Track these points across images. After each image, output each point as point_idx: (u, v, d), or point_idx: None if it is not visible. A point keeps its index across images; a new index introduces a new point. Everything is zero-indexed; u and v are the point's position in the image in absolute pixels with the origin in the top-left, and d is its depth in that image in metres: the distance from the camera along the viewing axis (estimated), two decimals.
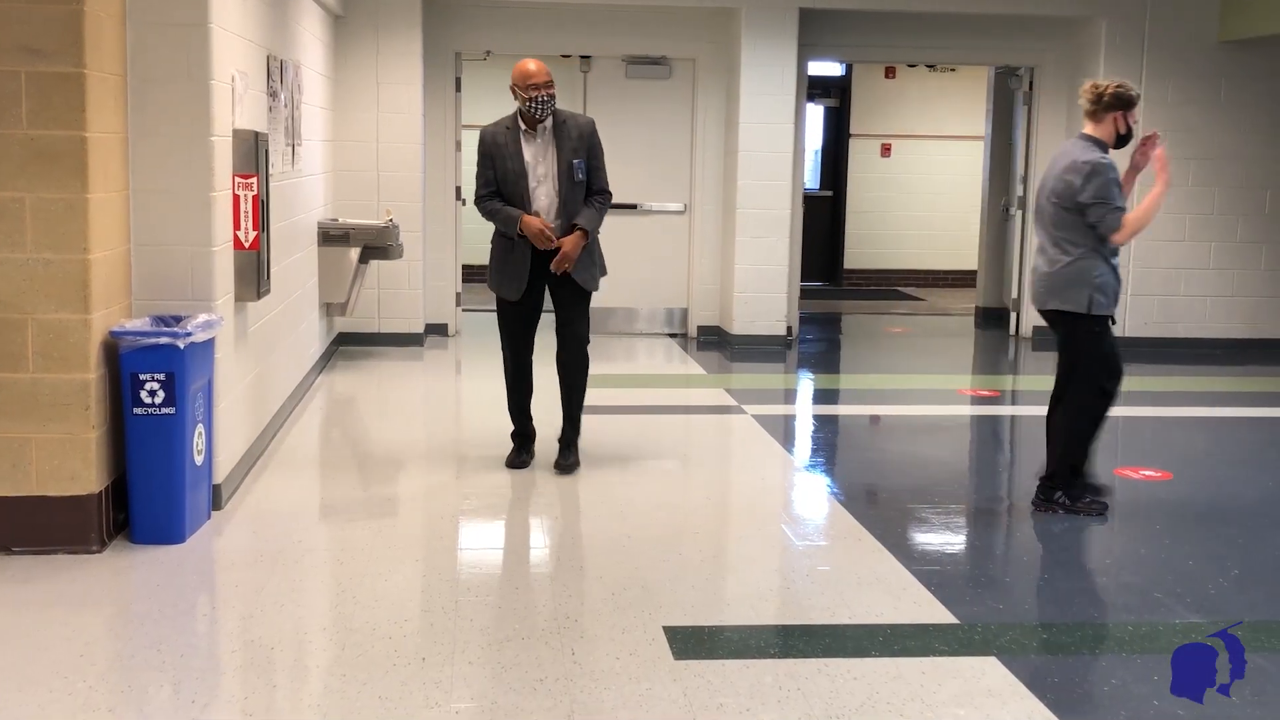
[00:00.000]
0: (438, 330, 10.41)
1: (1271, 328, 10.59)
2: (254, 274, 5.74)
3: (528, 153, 5.99)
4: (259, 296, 5.87)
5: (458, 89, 10.46)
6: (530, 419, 6.47)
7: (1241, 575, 4.95)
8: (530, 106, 5.89)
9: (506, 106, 6.25)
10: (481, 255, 14.15)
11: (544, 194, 6.03)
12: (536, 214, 6.01)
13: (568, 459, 6.28)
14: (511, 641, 4.05)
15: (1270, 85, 10.31)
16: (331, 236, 8.66)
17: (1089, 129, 5.62)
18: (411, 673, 3.80)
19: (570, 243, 6.00)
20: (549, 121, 6.00)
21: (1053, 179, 5.59)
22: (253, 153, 5.67)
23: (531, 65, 5.89)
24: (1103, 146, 5.59)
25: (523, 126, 5.99)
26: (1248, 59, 10.27)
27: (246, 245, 5.66)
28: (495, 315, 6.38)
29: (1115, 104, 5.56)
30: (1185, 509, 5.97)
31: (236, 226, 5.60)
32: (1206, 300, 10.52)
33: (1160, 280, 10.45)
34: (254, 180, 5.67)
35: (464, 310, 11.04)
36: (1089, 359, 5.63)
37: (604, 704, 3.63)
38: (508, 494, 5.87)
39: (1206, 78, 10.29)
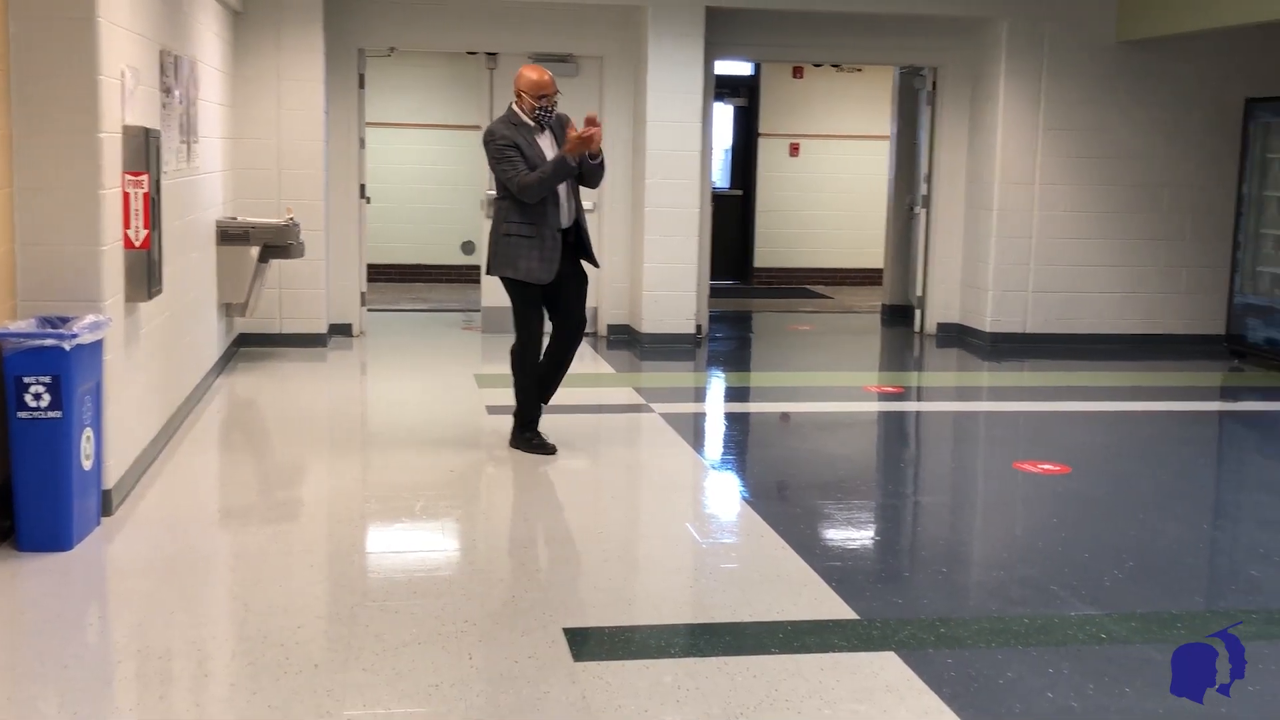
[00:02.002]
0: (342, 330, 10.26)
1: (1169, 323, 10.80)
2: (144, 273, 5.60)
3: (543, 147, 6.37)
4: (150, 296, 5.73)
5: (361, 85, 10.32)
6: None
7: (1136, 568, 5.02)
8: (539, 113, 6.36)
9: (414, 103, 6.19)
10: (386, 254, 14.03)
11: (561, 187, 6.36)
12: (559, 204, 6.37)
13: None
14: (408, 647, 3.98)
15: (1166, 84, 10.52)
16: (230, 235, 8.49)
17: None
18: (303, 681, 3.71)
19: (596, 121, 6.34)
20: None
21: None
22: (143, 149, 5.53)
23: (540, 75, 6.36)
24: None
25: (531, 124, 6.38)
26: (1145, 58, 10.47)
27: (137, 244, 5.51)
28: (512, 298, 6.48)
29: None
30: (1083, 502, 6.06)
31: (126, 225, 5.46)
32: (1105, 296, 10.70)
33: (1061, 277, 10.61)
34: (144, 178, 5.53)
35: (369, 310, 10.90)
36: None
37: (500, 708, 3.58)
38: (410, 498, 5.78)
39: (1105, 77, 10.47)
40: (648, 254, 10.27)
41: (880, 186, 13.24)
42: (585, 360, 9.90)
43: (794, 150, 15.27)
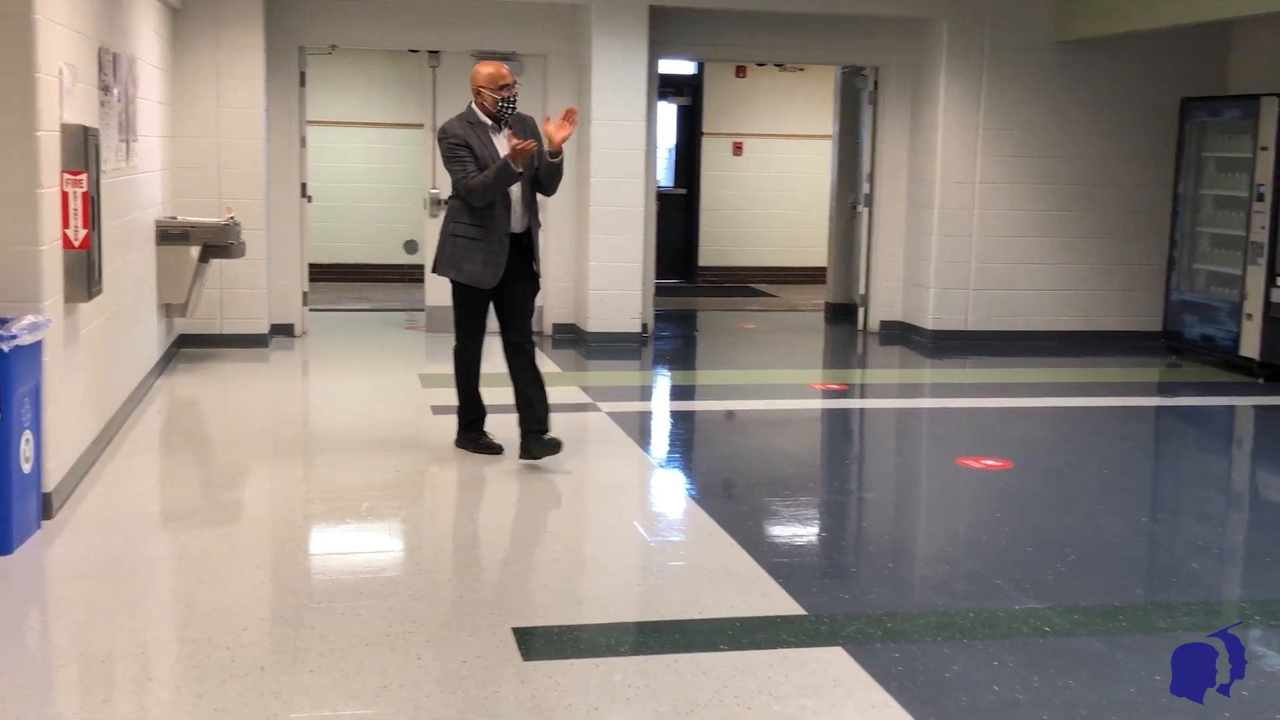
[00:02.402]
0: (284, 331, 10.17)
1: (1108, 320, 10.94)
2: (84, 274, 5.52)
3: (498, 147, 6.14)
4: (90, 297, 5.66)
5: (302, 83, 10.24)
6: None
7: (1078, 561, 5.09)
8: (502, 106, 6.16)
9: (356, 101, 6.11)
10: (329, 254, 13.91)
11: (515, 186, 6.16)
12: (510, 206, 6.17)
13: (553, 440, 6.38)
14: (355, 648, 3.96)
15: (1103, 84, 10.66)
16: (170, 235, 8.39)
17: None
18: (249, 684, 3.68)
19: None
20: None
21: None
22: (82, 148, 5.46)
23: (496, 67, 6.17)
24: None
25: (488, 123, 6.18)
26: (1082, 59, 10.60)
27: (76, 244, 5.44)
28: (455, 301, 6.35)
29: None
30: (1025, 497, 6.13)
31: (65, 225, 5.38)
32: (1045, 294, 10.83)
33: (1001, 275, 10.72)
34: (84, 177, 5.45)
35: (311, 310, 10.81)
36: None
37: (449, 708, 3.56)
38: (354, 499, 5.74)
39: (1044, 77, 10.59)
40: (593, 253, 10.26)
41: (823, 185, 13.30)
42: None
43: (737, 149, 15.32)
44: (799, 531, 5.60)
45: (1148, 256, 10.83)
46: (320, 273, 13.19)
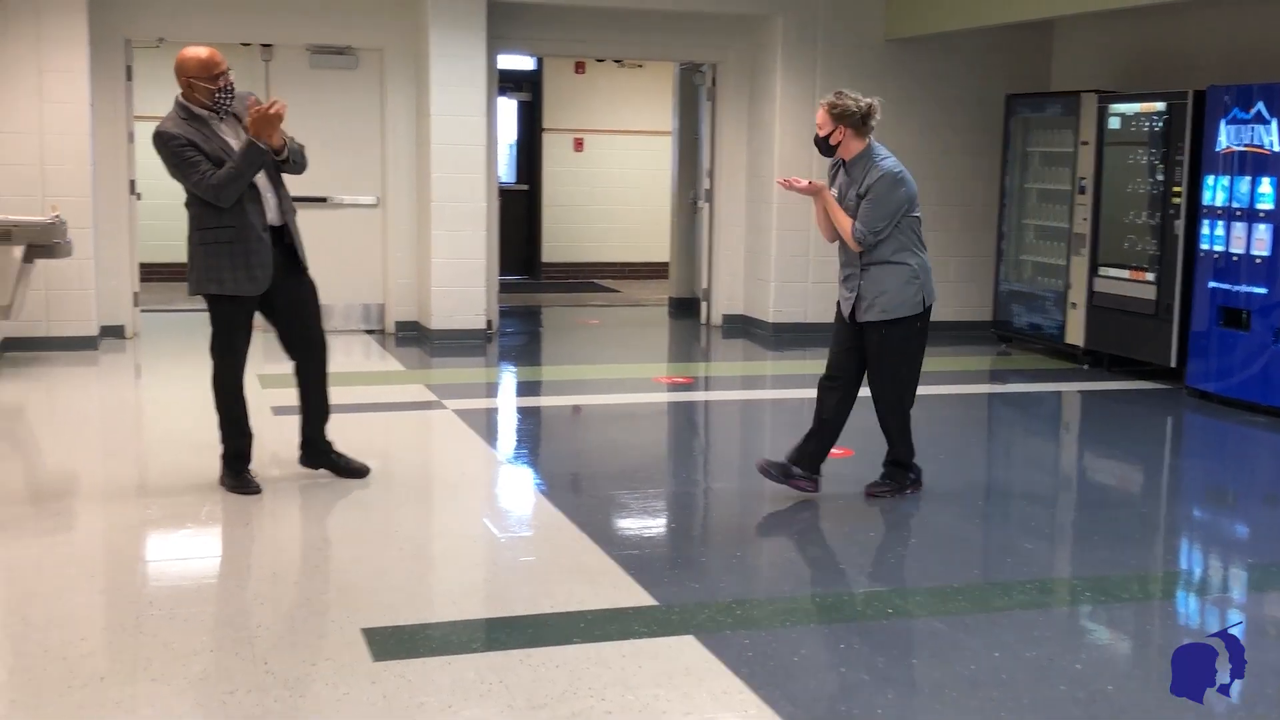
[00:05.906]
0: (114, 332, 9.85)
1: (941, 311, 10.95)
2: None
3: (226, 138, 5.54)
4: None
5: (129, 78, 9.92)
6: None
7: (919, 544, 5.24)
8: (219, 98, 5.52)
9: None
10: (162, 252, 13.49)
11: (259, 178, 5.52)
12: (259, 197, 5.52)
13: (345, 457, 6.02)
14: (199, 655, 3.86)
15: (933, 81, 10.96)
16: None
17: None
18: (89, 694, 3.56)
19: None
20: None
21: None
22: None
23: (207, 53, 5.52)
24: None
25: (207, 115, 5.55)
26: (910, 56, 10.89)
27: None
28: (216, 319, 5.61)
29: None
30: (866, 484, 6.26)
31: None
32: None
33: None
34: None
35: (143, 311, 10.49)
36: None
37: (299, 712, 3.50)
38: (194, 503, 5.59)
39: (876, 75, 10.82)
40: (435, 249, 10.17)
41: (664, 181, 13.41)
42: (373, 358, 9.75)
43: (578, 145, 15.34)
44: (648, 523, 5.64)
45: (977, 248, 11.17)
46: (153, 272, 12.79)
